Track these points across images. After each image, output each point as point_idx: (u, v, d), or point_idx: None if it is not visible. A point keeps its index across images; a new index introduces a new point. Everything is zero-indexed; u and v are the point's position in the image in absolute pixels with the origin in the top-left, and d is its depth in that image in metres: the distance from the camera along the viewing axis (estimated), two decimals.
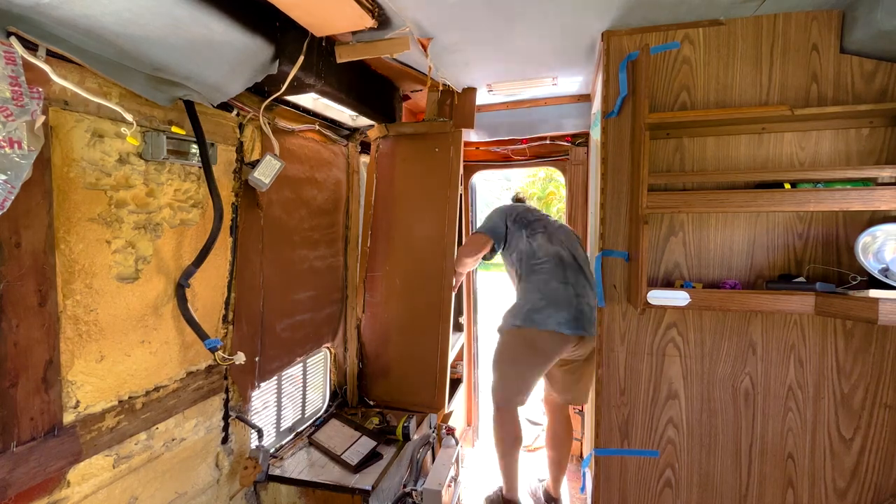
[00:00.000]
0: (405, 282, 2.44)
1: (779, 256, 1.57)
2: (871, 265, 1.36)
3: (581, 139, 2.84)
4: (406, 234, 2.44)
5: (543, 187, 18.95)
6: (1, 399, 1.02)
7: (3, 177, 0.94)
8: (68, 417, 1.17)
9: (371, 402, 2.45)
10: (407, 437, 2.13)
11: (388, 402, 2.44)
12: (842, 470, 1.55)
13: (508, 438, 2.25)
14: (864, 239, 1.37)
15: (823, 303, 1.37)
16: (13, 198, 0.95)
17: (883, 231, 1.37)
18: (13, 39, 0.97)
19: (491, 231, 2.39)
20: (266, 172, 1.67)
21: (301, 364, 2.24)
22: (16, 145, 0.96)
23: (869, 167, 1.43)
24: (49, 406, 1.11)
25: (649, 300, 1.47)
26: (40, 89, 1.01)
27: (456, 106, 2.36)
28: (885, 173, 1.37)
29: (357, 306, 2.51)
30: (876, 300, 1.24)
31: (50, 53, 1.05)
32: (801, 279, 1.49)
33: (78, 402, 1.19)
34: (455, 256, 2.40)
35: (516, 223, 2.42)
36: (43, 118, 1.01)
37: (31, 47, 1.01)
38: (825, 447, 1.56)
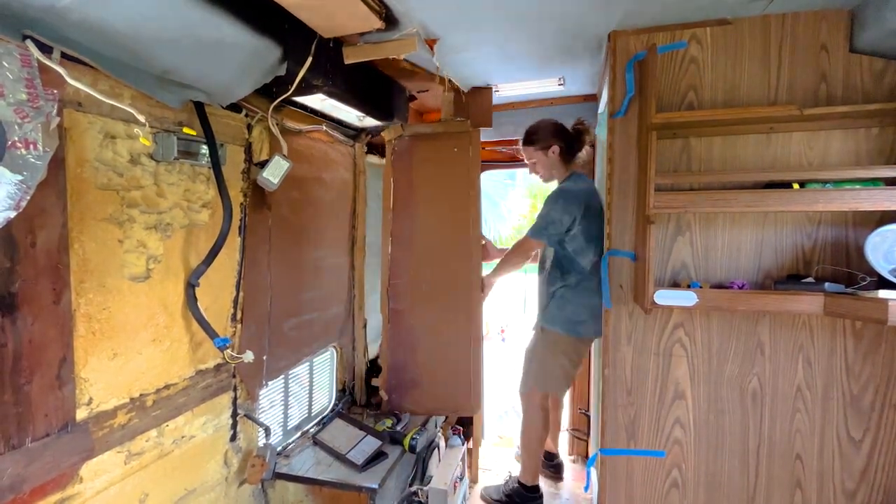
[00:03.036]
0: (431, 287, 2.37)
1: (787, 257, 1.56)
2: (881, 265, 1.35)
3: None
4: (429, 238, 2.39)
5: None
6: (17, 396, 1.03)
7: (20, 177, 0.95)
8: (81, 414, 1.19)
9: (405, 414, 2.38)
10: (413, 450, 2.10)
11: (422, 411, 2.38)
12: (851, 471, 1.54)
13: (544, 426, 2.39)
14: (873, 239, 1.36)
15: (832, 303, 1.36)
16: (29, 198, 0.97)
17: (892, 231, 1.35)
18: (29, 42, 0.99)
19: (546, 235, 2.15)
20: (275, 172, 1.69)
21: (308, 363, 2.26)
22: (31, 146, 0.98)
23: (878, 167, 1.42)
24: (63, 403, 1.13)
25: (656, 300, 1.47)
26: (55, 91, 1.03)
27: (473, 105, 2.35)
28: (895, 173, 1.36)
29: (383, 314, 2.45)
30: (886, 301, 1.23)
31: (64, 56, 1.07)
32: (810, 279, 1.48)
33: (91, 399, 1.21)
34: (498, 265, 2.36)
35: (588, 216, 2.08)
36: (58, 119, 1.03)
37: (45, 50, 1.03)
38: (834, 448, 1.55)
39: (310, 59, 1.51)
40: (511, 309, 11.58)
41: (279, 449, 1.97)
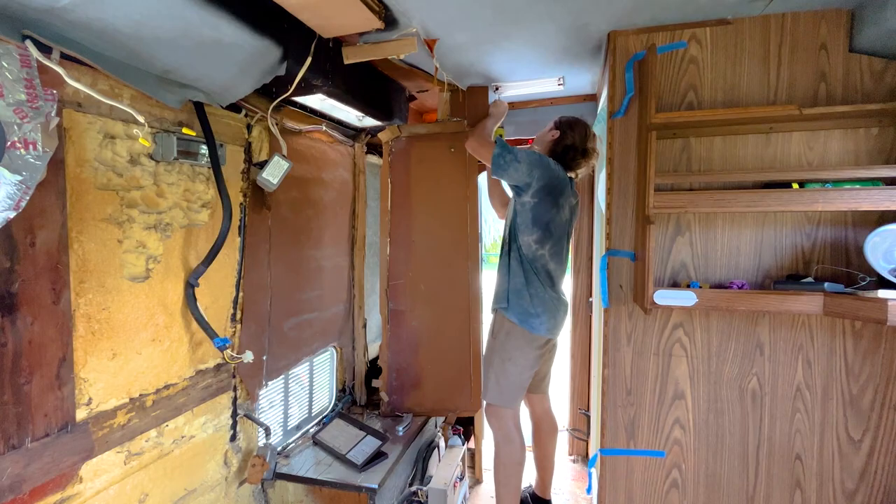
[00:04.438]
0: (430, 287, 2.38)
1: (787, 257, 1.56)
2: (881, 265, 1.35)
3: None
4: (427, 238, 2.39)
5: None
6: (16, 395, 1.04)
7: (19, 177, 0.95)
8: (81, 414, 1.19)
9: (407, 414, 2.37)
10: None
11: (423, 412, 2.38)
12: (850, 471, 1.54)
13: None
14: (873, 239, 1.36)
15: (832, 303, 1.36)
16: (28, 198, 0.97)
17: (892, 231, 1.35)
18: (28, 42, 0.99)
19: (510, 152, 1.90)
20: (274, 173, 1.69)
21: (308, 363, 2.26)
22: (31, 146, 0.98)
23: (878, 167, 1.41)
24: (62, 403, 1.13)
25: (656, 300, 1.47)
26: (54, 91, 1.03)
27: (469, 105, 2.35)
28: (895, 173, 1.36)
29: (382, 315, 2.45)
30: (885, 301, 1.23)
31: (63, 56, 1.07)
32: (810, 279, 1.48)
33: (90, 399, 1.21)
34: (474, 140, 2.09)
35: (545, 194, 1.92)
36: (57, 120, 1.03)
37: (45, 50, 1.02)
38: (833, 448, 1.55)
39: (309, 59, 1.51)
40: None
41: (279, 449, 1.98)
